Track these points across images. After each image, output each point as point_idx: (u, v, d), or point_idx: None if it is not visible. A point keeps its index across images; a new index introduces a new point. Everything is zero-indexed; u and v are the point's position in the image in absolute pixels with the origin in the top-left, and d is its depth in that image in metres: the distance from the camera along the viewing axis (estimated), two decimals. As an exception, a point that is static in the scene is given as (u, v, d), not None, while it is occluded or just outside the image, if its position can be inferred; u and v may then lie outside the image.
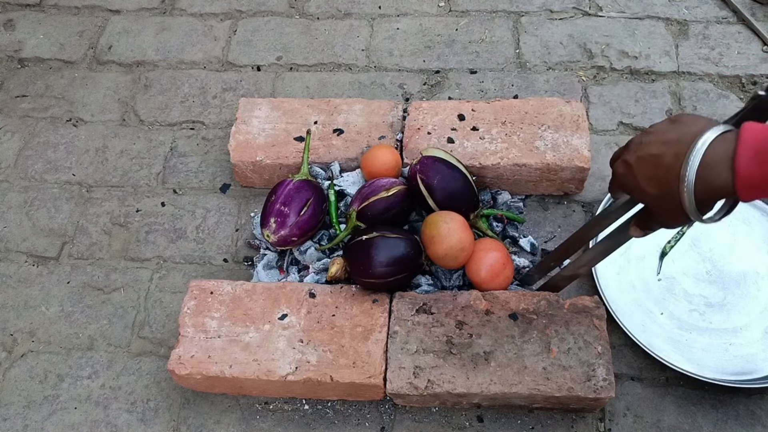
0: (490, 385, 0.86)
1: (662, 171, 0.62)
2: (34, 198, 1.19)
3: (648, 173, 0.64)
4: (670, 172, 0.61)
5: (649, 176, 0.64)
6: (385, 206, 1.00)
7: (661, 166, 0.62)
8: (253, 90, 1.32)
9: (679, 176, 0.60)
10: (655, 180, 0.63)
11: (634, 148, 0.67)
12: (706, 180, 0.59)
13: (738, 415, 0.91)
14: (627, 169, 0.67)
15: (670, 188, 0.62)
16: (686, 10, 1.38)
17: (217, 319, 0.94)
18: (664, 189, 0.63)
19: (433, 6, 1.43)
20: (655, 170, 0.63)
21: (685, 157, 0.60)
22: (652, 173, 0.64)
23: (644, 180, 0.65)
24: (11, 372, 1.01)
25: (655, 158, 0.63)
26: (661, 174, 0.62)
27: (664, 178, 0.62)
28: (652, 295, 1.01)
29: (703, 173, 0.59)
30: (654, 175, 0.63)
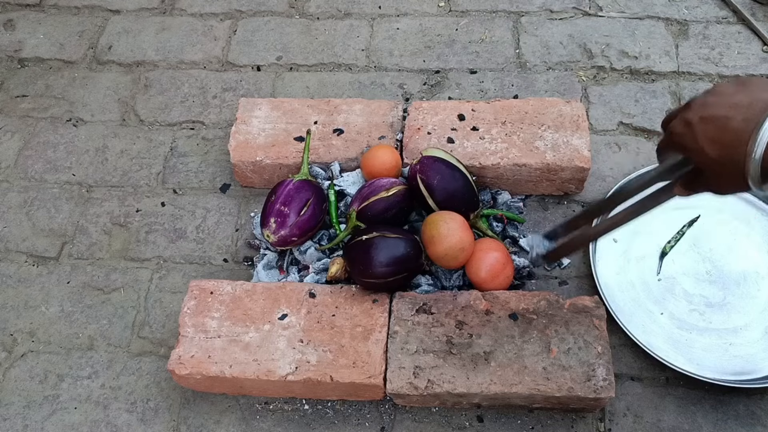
0: (490, 385, 0.86)
1: (729, 134, 0.59)
2: (34, 198, 1.19)
3: (712, 135, 0.61)
4: (738, 136, 0.58)
5: (713, 138, 0.61)
6: (385, 206, 1.00)
7: (728, 129, 0.59)
8: (253, 90, 1.32)
9: (748, 142, 0.57)
10: (719, 143, 0.60)
11: (696, 108, 0.63)
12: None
13: (738, 415, 0.91)
14: (687, 128, 0.63)
15: (736, 153, 0.59)
16: (686, 10, 1.38)
17: (217, 319, 0.94)
18: (727, 153, 0.60)
19: (433, 6, 1.43)
20: (720, 133, 0.60)
21: (757, 124, 0.57)
22: (717, 135, 0.60)
23: (706, 141, 0.61)
24: (11, 372, 1.01)
25: (722, 120, 0.60)
26: (728, 137, 0.59)
27: (730, 141, 0.59)
28: (652, 295, 1.01)
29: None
30: (719, 138, 0.60)
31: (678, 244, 1.05)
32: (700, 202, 1.09)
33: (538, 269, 1.05)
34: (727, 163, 0.60)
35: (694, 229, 1.06)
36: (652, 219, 1.07)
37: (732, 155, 0.59)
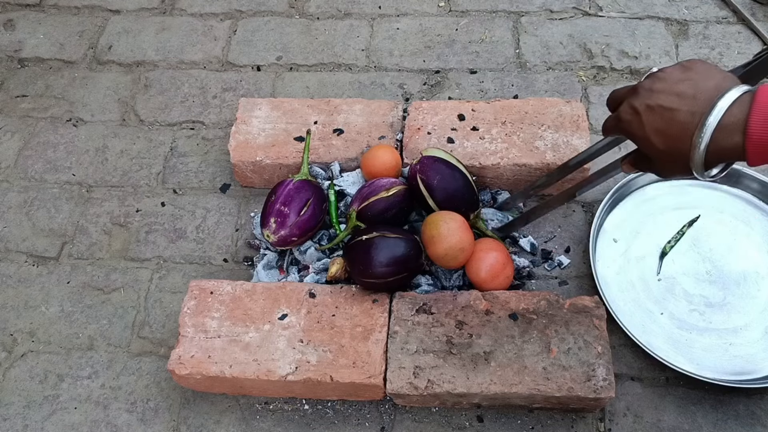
0: (490, 385, 0.86)
1: (675, 127, 0.60)
2: (34, 198, 1.19)
3: (658, 126, 0.62)
4: (684, 130, 0.60)
5: (660, 129, 0.62)
6: (385, 206, 1.00)
7: (674, 121, 0.60)
8: (253, 90, 1.32)
9: (693, 136, 0.59)
10: (665, 134, 0.61)
11: (644, 95, 0.63)
12: (718, 142, 0.58)
13: (738, 415, 0.91)
14: (634, 116, 0.64)
15: (681, 145, 0.60)
16: (686, 10, 1.38)
17: (217, 319, 0.94)
18: (674, 145, 0.61)
19: (433, 6, 1.43)
20: (666, 125, 0.61)
21: (702, 117, 0.58)
22: (664, 127, 0.61)
23: (653, 132, 0.62)
24: (11, 372, 1.01)
25: (668, 112, 0.61)
26: (674, 130, 0.60)
27: (676, 135, 0.60)
28: (652, 295, 1.01)
29: (717, 135, 0.58)
30: (665, 130, 0.61)
31: (678, 244, 1.05)
32: (700, 202, 1.09)
33: (538, 269, 1.05)
34: (673, 153, 0.62)
35: (694, 229, 1.06)
36: (652, 219, 1.08)
37: (678, 147, 0.61)
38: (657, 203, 1.09)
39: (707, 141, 0.58)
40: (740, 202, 1.09)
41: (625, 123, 0.66)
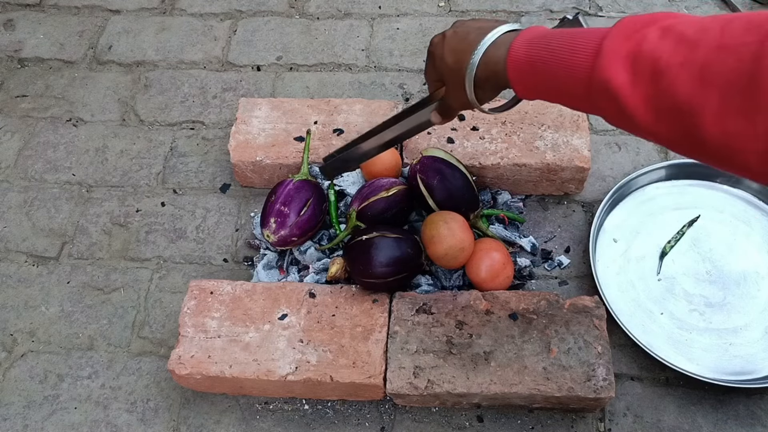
0: (490, 385, 0.86)
1: (464, 44, 0.66)
2: (34, 198, 1.19)
3: (453, 44, 0.67)
4: (469, 45, 0.65)
5: (454, 47, 0.67)
6: (385, 206, 1.00)
7: (466, 39, 0.66)
8: (253, 90, 1.32)
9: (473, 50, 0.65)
10: (456, 50, 0.67)
11: (455, 25, 0.70)
12: (488, 56, 0.64)
13: (738, 415, 0.91)
14: (441, 39, 0.70)
15: (462, 62, 0.66)
16: (686, 10, 1.38)
17: (217, 319, 0.94)
18: (458, 59, 0.66)
19: (433, 6, 1.43)
20: (459, 42, 0.67)
21: (486, 35, 0.64)
22: (456, 44, 0.67)
23: (449, 49, 0.68)
24: (11, 372, 1.01)
25: (464, 33, 0.67)
26: (462, 45, 0.66)
27: (462, 48, 0.66)
28: (652, 295, 1.01)
29: (488, 52, 0.64)
30: (456, 46, 0.67)
31: (678, 244, 1.05)
32: (700, 202, 1.09)
33: (538, 269, 1.05)
34: (456, 69, 0.67)
35: (694, 229, 1.06)
36: (652, 219, 1.08)
37: (460, 61, 0.66)
38: (657, 203, 1.09)
39: (479, 57, 0.64)
40: (740, 202, 1.09)
41: (432, 46, 0.72)
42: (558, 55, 0.58)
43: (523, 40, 0.62)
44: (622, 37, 0.53)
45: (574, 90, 0.57)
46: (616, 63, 0.52)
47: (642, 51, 0.51)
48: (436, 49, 0.71)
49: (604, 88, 0.53)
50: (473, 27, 0.67)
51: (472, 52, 0.65)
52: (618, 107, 0.53)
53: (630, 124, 0.54)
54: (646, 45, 0.51)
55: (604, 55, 0.53)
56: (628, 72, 0.51)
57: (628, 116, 0.52)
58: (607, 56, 0.53)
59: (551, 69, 0.59)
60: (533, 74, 0.61)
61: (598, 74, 0.53)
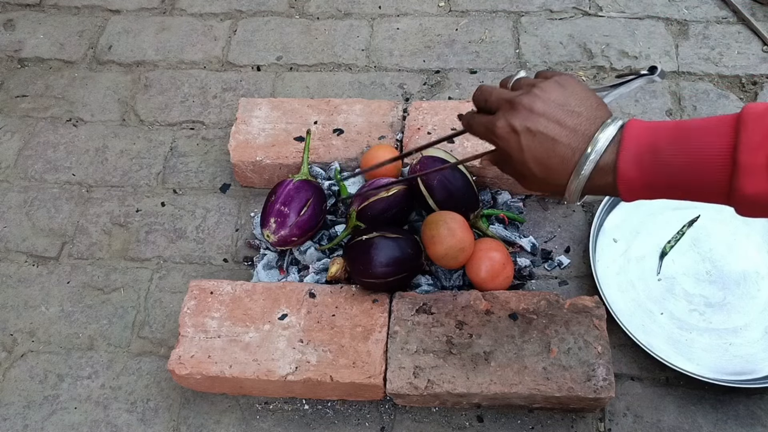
0: (490, 385, 0.86)
1: (555, 160, 0.61)
2: (34, 198, 1.19)
3: (538, 155, 0.62)
4: (563, 164, 0.61)
5: (539, 158, 0.62)
6: (385, 206, 1.00)
7: (555, 154, 0.61)
8: (253, 90, 1.32)
9: (572, 172, 0.61)
10: (544, 164, 0.62)
11: (524, 115, 0.62)
12: (593, 180, 0.60)
13: (738, 415, 0.91)
14: (513, 135, 0.62)
15: (559, 178, 0.62)
16: (686, 10, 1.38)
17: (217, 319, 0.94)
18: (551, 176, 0.62)
19: (433, 6, 1.43)
20: (547, 155, 0.61)
21: (581, 155, 0.60)
22: (543, 157, 0.61)
23: (532, 159, 0.62)
24: (11, 372, 1.01)
25: (549, 142, 0.61)
26: (553, 162, 0.61)
27: (555, 167, 0.61)
28: (652, 295, 1.01)
29: (593, 175, 0.60)
30: (544, 160, 0.62)
31: (678, 244, 1.05)
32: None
33: (538, 269, 1.05)
34: (548, 181, 0.63)
35: (694, 229, 1.06)
36: (652, 219, 1.08)
37: (555, 178, 0.62)
38: (657, 203, 1.09)
39: (585, 180, 0.60)
40: (740, 202, 1.09)
41: (501, 140, 0.64)
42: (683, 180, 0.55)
43: (630, 160, 0.57)
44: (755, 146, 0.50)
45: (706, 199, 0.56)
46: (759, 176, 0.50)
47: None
48: (509, 148, 0.63)
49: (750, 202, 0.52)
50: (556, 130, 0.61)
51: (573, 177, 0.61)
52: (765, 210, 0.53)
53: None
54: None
55: (743, 173, 0.51)
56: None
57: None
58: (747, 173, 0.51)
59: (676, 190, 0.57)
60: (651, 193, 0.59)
61: (741, 192, 0.52)
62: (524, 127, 0.62)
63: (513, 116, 0.63)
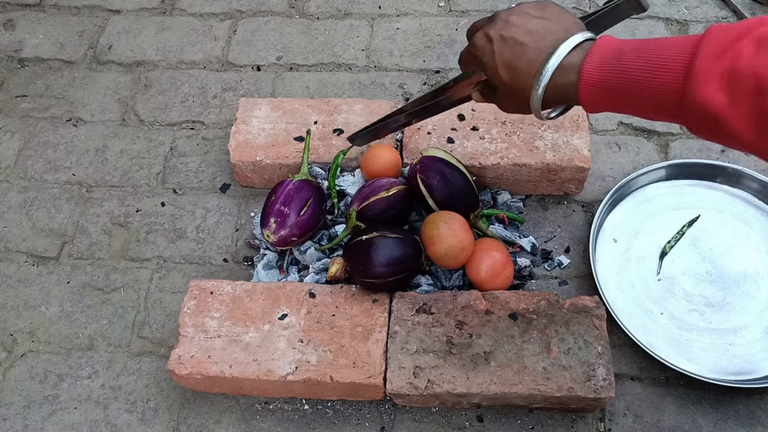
0: (490, 385, 0.86)
1: (522, 62, 0.63)
2: (34, 198, 1.19)
3: (508, 58, 0.64)
4: (529, 66, 0.63)
5: (508, 62, 0.64)
6: (385, 206, 1.00)
7: (523, 57, 0.63)
8: (253, 90, 1.32)
9: (536, 73, 0.62)
10: (512, 68, 0.64)
11: (499, 25, 0.66)
12: (555, 80, 0.61)
13: (738, 415, 0.91)
14: (487, 44, 0.66)
15: (524, 81, 0.63)
16: (686, 10, 1.38)
17: (217, 319, 0.94)
18: (518, 79, 0.64)
19: (433, 6, 1.43)
20: (515, 58, 0.64)
21: (546, 56, 0.61)
22: (512, 60, 0.64)
23: (502, 63, 0.65)
24: (11, 372, 1.01)
25: (518, 46, 0.64)
26: (520, 65, 0.63)
27: (522, 69, 0.63)
28: (652, 295, 1.01)
29: (556, 74, 0.61)
30: (513, 63, 0.64)
31: (678, 244, 1.05)
32: (700, 202, 1.09)
33: (538, 269, 1.05)
34: (515, 87, 0.65)
35: (694, 229, 1.06)
36: (652, 219, 1.08)
37: (521, 81, 0.64)
38: (657, 203, 1.09)
39: (547, 79, 0.61)
40: (740, 202, 1.09)
41: (478, 50, 0.67)
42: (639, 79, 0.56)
43: (594, 63, 0.59)
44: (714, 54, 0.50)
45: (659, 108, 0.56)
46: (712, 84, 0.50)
47: (738, 68, 0.49)
48: (483, 56, 0.67)
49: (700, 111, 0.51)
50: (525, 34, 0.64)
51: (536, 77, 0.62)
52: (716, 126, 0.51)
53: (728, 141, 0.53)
54: (742, 61, 0.49)
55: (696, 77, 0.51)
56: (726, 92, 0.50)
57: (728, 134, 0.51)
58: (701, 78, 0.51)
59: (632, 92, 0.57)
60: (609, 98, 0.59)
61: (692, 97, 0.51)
62: (498, 35, 0.65)
63: (490, 27, 0.67)
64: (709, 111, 0.51)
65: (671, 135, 1.20)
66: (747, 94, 0.49)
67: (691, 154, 1.17)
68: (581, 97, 0.61)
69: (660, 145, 1.19)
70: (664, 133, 1.20)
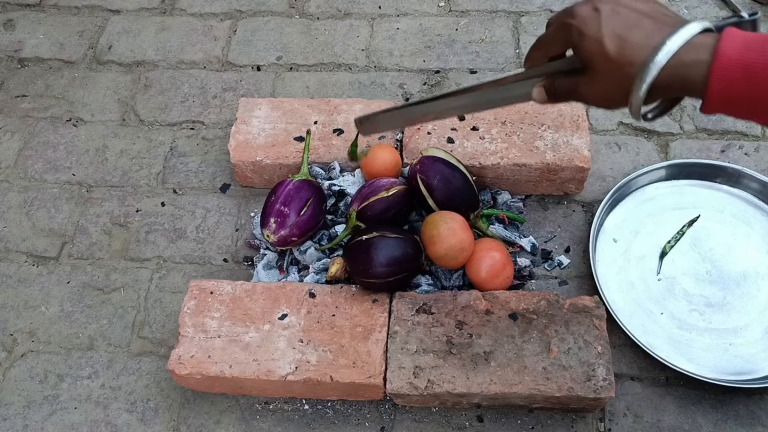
0: (490, 385, 0.86)
1: (638, 33, 0.53)
2: (34, 198, 1.19)
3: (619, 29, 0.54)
4: (647, 38, 0.53)
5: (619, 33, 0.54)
6: (385, 206, 1.00)
7: (639, 27, 0.54)
8: (253, 90, 1.32)
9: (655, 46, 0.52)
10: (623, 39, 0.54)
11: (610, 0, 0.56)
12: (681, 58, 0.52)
13: (738, 415, 0.91)
14: (593, 14, 0.55)
15: (636, 55, 0.53)
16: (686, 10, 1.38)
17: (217, 319, 0.94)
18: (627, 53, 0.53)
19: (433, 6, 1.43)
20: (629, 29, 0.54)
21: (671, 29, 0.52)
22: (624, 31, 0.54)
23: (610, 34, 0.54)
24: (11, 372, 1.01)
25: (636, 16, 0.54)
26: (636, 36, 0.53)
27: (637, 41, 0.53)
28: (652, 295, 1.01)
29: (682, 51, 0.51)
30: (625, 34, 0.54)
31: (678, 244, 1.05)
32: (700, 202, 1.09)
33: (538, 269, 1.05)
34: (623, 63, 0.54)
35: (694, 229, 1.06)
36: (652, 219, 1.08)
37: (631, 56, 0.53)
38: (657, 203, 1.09)
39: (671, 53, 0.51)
40: (740, 202, 1.09)
41: (579, 19, 0.56)
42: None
43: (737, 41, 0.50)
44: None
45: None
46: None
47: None
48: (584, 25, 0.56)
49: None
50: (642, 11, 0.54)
51: (655, 48, 0.52)
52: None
53: None
54: None
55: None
56: None
57: None
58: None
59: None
60: (748, 84, 0.49)
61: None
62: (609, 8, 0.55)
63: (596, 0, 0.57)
64: None
65: (671, 135, 1.20)
66: None
67: (691, 154, 1.17)
68: (712, 81, 0.50)
69: (660, 145, 1.19)
70: (664, 133, 1.20)
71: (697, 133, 1.20)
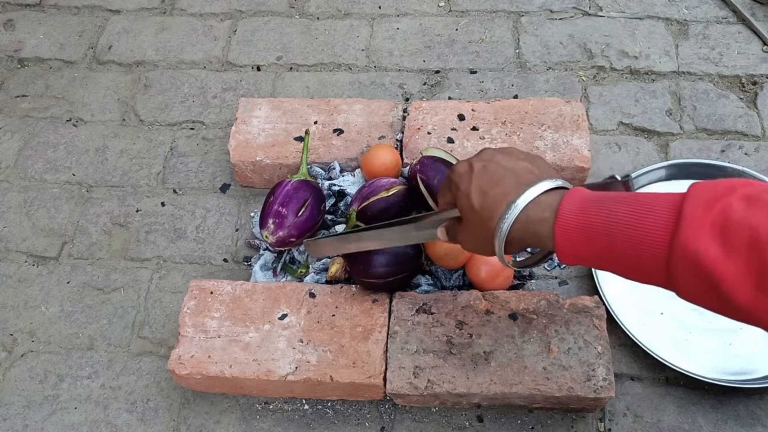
0: (490, 385, 0.86)
1: (497, 190, 0.61)
2: (34, 198, 1.19)
3: (483, 184, 0.62)
4: (504, 194, 0.60)
5: (483, 188, 0.62)
6: (385, 206, 1.00)
7: (499, 185, 0.61)
8: (253, 90, 1.32)
9: (508, 203, 0.59)
10: (485, 194, 0.61)
11: (485, 156, 0.65)
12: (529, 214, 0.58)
13: (738, 415, 0.91)
14: (467, 170, 0.64)
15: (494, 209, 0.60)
16: (686, 10, 1.38)
17: (217, 319, 0.94)
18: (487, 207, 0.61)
19: (433, 6, 1.43)
20: (491, 186, 0.61)
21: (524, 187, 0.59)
22: (487, 187, 0.61)
23: (476, 188, 0.62)
24: (11, 372, 1.01)
25: (497, 176, 0.62)
26: (495, 192, 0.61)
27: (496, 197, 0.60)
28: (652, 295, 1.00)
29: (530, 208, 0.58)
30: (487, 190, 0.61)
31: (678, 244, 1.05)
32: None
33: (538, 270, 1.05)
34: (483, 216, 0.61)
35: (694, 229, 1.06)
36: (652, 219, 1.08)
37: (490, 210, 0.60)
38: (657, 203, 1.09)
39: (519, 210, 0.58)
40: (740, 202, 1.09)
41: (456, 174, 0.65)
42: (623, 222, 0.52)
43: (574, 202, 0.56)
44: (702, 204, 0.47)
45: (644, 262, 0.51)
46: (704, 232, 0.46)
47: (731, 220, 0.46)
48: (460, 181, 0.64)
49: (691, 262, 0.47)
50: (507, 168, 0.62)
51: (508, 205, 0.59)
52: (708, 283, 0.47)
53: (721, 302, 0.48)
54: (734, 214, 0.46)
55: (686, 223, 0.47)
56: (719, 243, 0.46)
57: (724, 293, 0.47)
58: (691, 225, 0.47)
59: (613, 239, 0.52)
60: (587, 244, 0.54)
61: (683, 245, 0.47)
62: (480, 165, 0.64)
63: (474, 158, 0.66)
64: (702, 263, 0.47)
65: (671, 135, 1.20)
66: (742, 248, 0.45)
67: (691, 154, 1.17)
68: (557, 238, 0.56)
69: (660, 145, 1.18)
70: (664, 133, 1.20)
71: (697, 133, 1.20)
